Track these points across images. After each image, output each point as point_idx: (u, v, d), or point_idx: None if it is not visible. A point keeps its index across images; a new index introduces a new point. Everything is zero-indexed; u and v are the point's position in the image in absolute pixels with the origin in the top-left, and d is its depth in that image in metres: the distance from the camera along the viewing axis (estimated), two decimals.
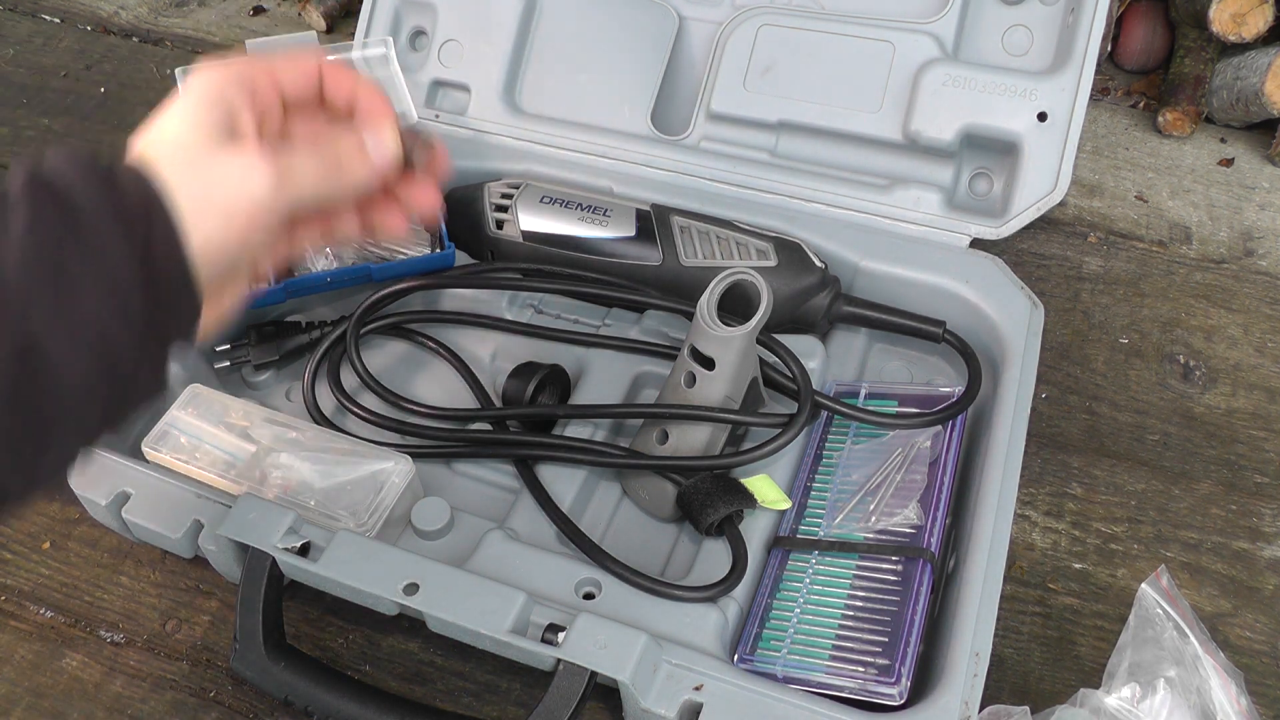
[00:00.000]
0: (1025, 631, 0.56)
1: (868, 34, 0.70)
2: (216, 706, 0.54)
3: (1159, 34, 0.88)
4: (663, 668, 0.47)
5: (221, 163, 0.38)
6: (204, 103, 0.40)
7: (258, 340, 0.64)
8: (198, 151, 0.39)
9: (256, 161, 0.39)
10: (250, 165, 0.39)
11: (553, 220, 0.66)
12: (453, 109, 0.78)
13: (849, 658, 0.49)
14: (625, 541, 0.57)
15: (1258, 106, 0.79)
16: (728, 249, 0.64)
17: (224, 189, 0.38)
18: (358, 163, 0.43)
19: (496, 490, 0.59)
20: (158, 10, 1.06)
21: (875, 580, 0.52)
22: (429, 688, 0.55)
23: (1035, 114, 0.66)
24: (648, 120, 0.74)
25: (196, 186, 0.37)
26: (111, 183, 0.36)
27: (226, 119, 0.40)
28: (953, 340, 0.61)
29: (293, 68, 0.45)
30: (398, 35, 0.79)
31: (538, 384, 0.60)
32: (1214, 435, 0.65)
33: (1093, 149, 0.84)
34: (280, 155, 0.40)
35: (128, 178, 0.37)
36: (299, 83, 0.45)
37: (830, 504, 0.56)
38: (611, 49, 0.75)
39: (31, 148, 0.90)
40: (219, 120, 0.40)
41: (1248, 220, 0.78)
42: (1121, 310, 0.72)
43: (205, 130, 0.39)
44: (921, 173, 0.70)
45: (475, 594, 0.49)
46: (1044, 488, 0.62)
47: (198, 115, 0.39)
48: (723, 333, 0.54)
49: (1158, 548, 0.60)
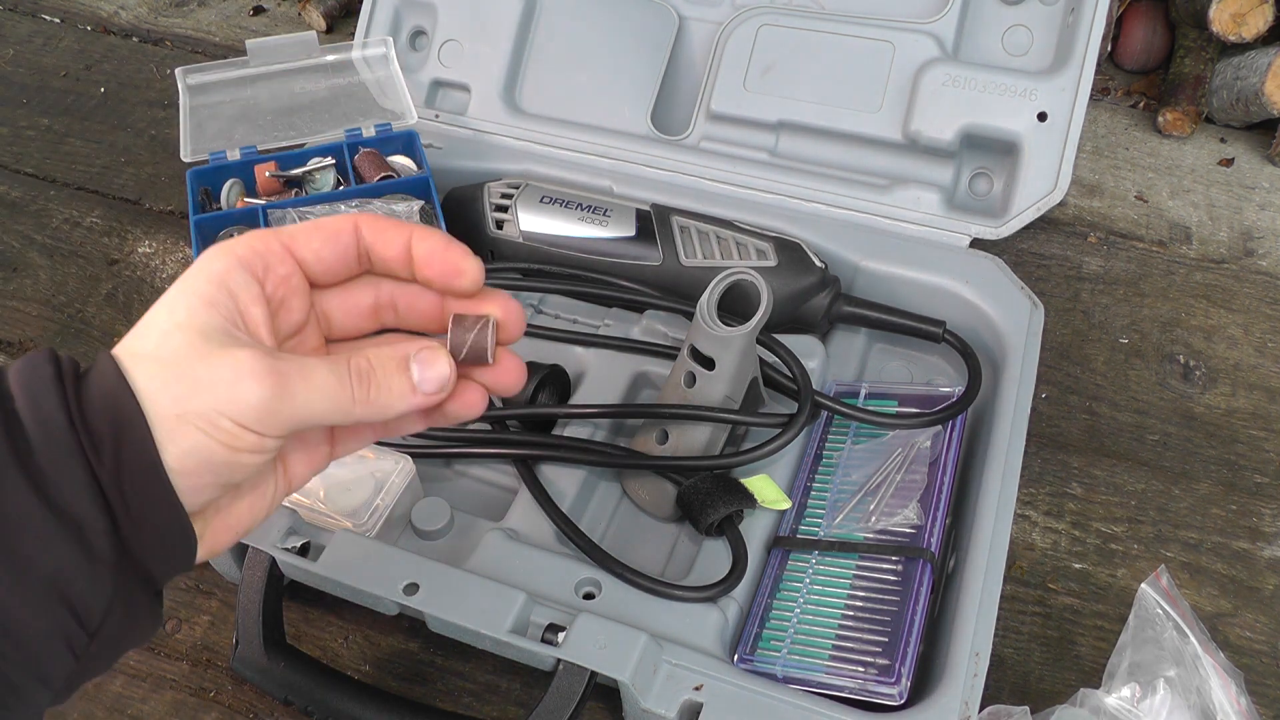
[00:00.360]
0: (1025, 631, 0.56)
1: (868, 34, 0.70)
2: (216, 706, 0.54)
3: (1159, 34, 0.88)
4: (663, 668, 0.47)
5: (208, 366, 0.32)
6: (201, 301, 0.34)
7: None
8: (183, 353, 0.33)
9: (252, 366, 0.32)
10: (242, 370, 0.32)
11: (553, 220, 0.66)
12: (453, 109, 0.78)
13: (849, 658, 0.49)
14: (625, 541, 0.57)
15: (1258, 106, 0.79)
16: (728, 249, 0.64)
17: (207, 396, 0.32)
18: (395, 394, 0.35)
19: (496, 490, 0.59)
20: (158, 10, 1.06)
21: (875, 580, 0.52)
22: (429, 688, 0.55)
23: (1035, 114, 0.66)
24: (648, 120, 0.74)
25: (174, 392, 0.32)
26: (72, 400, 0.31)
27: (227, 317, 0.34)
28: (953, 340, 0.61)
29: (319, 237, 0.37)
30: (398, 35, 0.79)
31: (538, 384, 0.60)
32: (1214, 435, 0.65)
33: (1093, 149, 0.84)
34: (288, 364, 0.33)
35: (95, 389, 0.32)
36: (329, 256, 0.37)
37: (830, 504, 0.56)
38: (611, 49, 0.75)
39: (32, 147, 0.91)
40: (217, 322, 0.33)
41: (1248, 220, 0.78)
42: (1121, 310, 0.72)
43: (196, 330, 0.33)
44: (921, 173, 0.70)
45: (475, 594, 0.49)
46: (1044, 488, 0.62)
47: (191, 315, 0.33)
48: (723, 333, 0.54)
49: (1158, 548, 0.60)
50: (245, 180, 0.68)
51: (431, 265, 0.37)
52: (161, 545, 0.33)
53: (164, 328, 0.33)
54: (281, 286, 0.36)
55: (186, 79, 0.72)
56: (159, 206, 0.85)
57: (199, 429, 0.32)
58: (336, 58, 0.75)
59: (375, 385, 0.35)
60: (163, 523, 0.32)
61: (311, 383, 0.33)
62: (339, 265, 0.37)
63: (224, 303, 0.34)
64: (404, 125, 0.71)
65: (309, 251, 0.36)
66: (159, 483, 0.32)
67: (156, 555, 0.33)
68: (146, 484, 0.31)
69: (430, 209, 0.66)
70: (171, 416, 0.32)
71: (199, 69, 0.72)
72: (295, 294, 0.36)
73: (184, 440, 0.32)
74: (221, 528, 0.36)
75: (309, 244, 0.36)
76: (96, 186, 0.87)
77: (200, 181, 0.67)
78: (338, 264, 0.37)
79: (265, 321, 0.35)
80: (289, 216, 0.64)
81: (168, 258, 0.80)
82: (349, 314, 0.39)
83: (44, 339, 0.75)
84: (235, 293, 0.34)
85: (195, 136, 0.69)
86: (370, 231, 0.37)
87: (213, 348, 0.33)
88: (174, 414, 0.32)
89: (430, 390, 0.36)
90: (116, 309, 0.77)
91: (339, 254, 0.37)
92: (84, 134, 0.92)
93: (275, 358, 0.33)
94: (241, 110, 0.72)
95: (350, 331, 0.39)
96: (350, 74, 0.75)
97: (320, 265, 0.37)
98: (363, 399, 0.35)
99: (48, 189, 0.87)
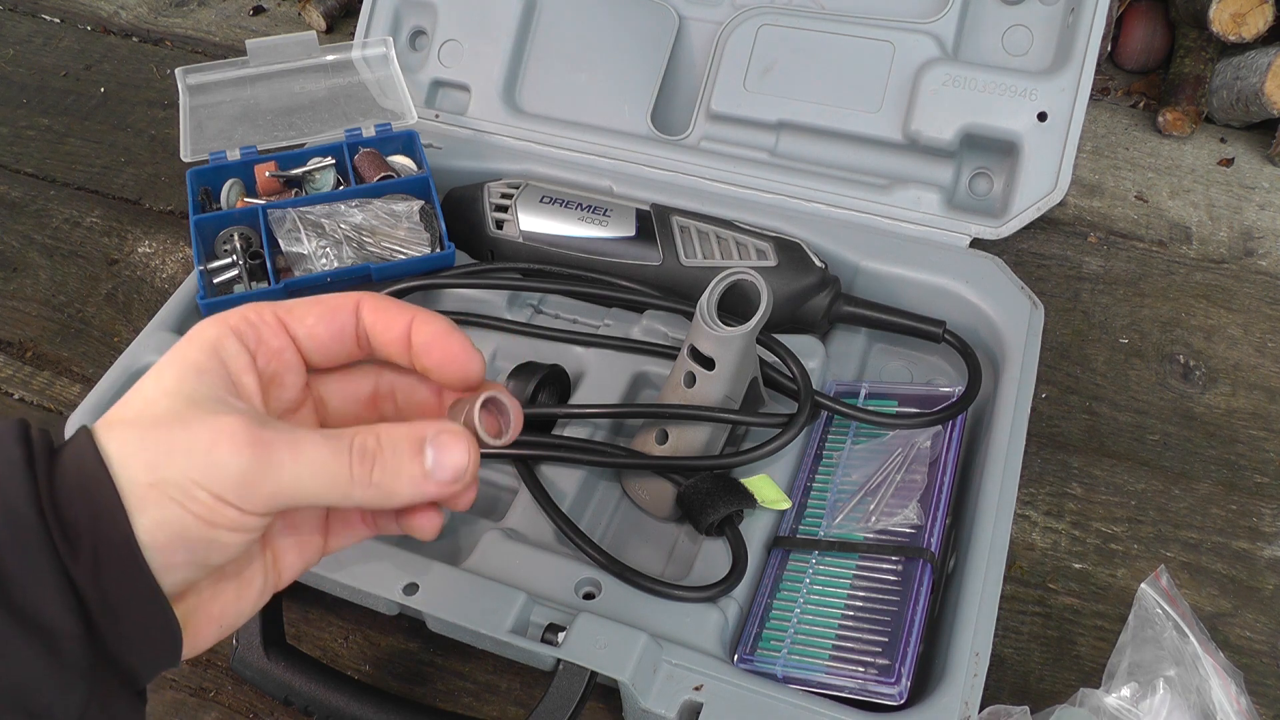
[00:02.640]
0: (1025, 631, 0.56)
1: (868, 34, 0.70)
2: (216, 706, 0.54)
3: (1159, 34, 0.88)
4: (663, 668, 0.47)
5: (188, 431, 0.30)
6: (191, 368, 0.31)
7: None
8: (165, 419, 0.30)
9: (233, 433, 0.30)
10: (221, 436, 0.30)
11: (553, 220, 0.66)
12: (453, 109, 0.78)
13: (849, 658, 0.49)
14: (625, 541, 0.57)
15: (1258, 106, 0.79)
16: (728, 249, 0.64)
17: (182, 463, 0.29)
18: (404, 479, 0.32)
19: (496, 490, 0.59)
20: (158, 10, 1.06)
21: (875, 580, 0.52)
22: (429, 688, 0.55)
23: (1035, 114, 0.66)
24: (648, 120, 0.74)
25: (147, 458, 0.29)
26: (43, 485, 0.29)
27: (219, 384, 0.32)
28: (953, 340, 0.61)
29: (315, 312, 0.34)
30: (398, 35, 0.79)
31: (538, 384, 0.60)
32: (1214, 435, 0.65)
33: (1093, 149, 0.84)
34: (276, 433, 0.30)
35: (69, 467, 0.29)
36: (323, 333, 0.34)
37: (830, 504, 0.56)
38: (611, 49, 0.75)
39: (32, 147, 0.91)
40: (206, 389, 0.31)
41: (1248, 220, 0.78)
42: (1121, 310, 0.72)
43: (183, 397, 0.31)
44: (921, 173, 0.70)
45: (475, 594, 0.49)
46: (1044, 488, 0.62)
47: (180, 381, 0.31)
48: (723, 333, 0.54)
49: (1158, 548, 0.60)
50: (245, 180, 0.68)
51: (431, 353, 0.35)
52: (142, 637, 0.30)
53: (150, 395, 0.31)
54: (274, 360, 0.34)
55: (186, 79, 0.72)
56: (159, 206, 0.85)
57: (173, 499, 0.29)
58: (336, 58, 0.75)
59: (382, 466, 0.32)
60: (142, 612, 0.30)
61: (301, 456, 0.30)
62: (334, 344, 0.35)
63: (215, 370, 0.32)
64: (404, 125, 0.71)
65: (303, 327, 0.34)
66: (135, 564, 0.29)
67: (137, 649, 0.30)
68: (123, 568, 0.29)
69: (430, 209, 0.66)
70: (144, 485, 0.29)
71: (199, 69, 0.72)
72: (289, 370, 0.34)
73: (156, 511, 0.29)
74: (205, 618, 0.33)
75: (304, 319, 0.34)
76: (96, 186, 0.87)
77: (200, 181, 0.67)
78: (333, 343, 0.35)
79: (257, 393, 0.33)
80: (289, 216, 0.64)
81: (168, 258, 0.81)
82: (347, 400, 0.37)
83: (44, 339, 0.75)
84: (227, 361, 0.32)
85: (195, 136, 0.69)
86: (371, 311, 0.35)
87: (198, 413, 0.30)
88: (146, 482, 0.29)
89: (444, 479, 0.32)
90: (116, 309, 0.77)
91: (334, 332, 0.34)
92: (84, 134, 0.92)
93: (263, 426, 0.30)
94: (241, 110, 0.72)
95: (348, 420, 0.37)
96: (350, 74, 0.75)
97: (314, 342, 0.34)
98: (363, 480, 0.31)
99: (48, 189, 0.87)
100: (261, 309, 0.34)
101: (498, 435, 0.34)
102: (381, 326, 0.35)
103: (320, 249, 0.63)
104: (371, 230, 0.65)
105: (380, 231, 0.65)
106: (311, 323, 0.34)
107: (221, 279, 0.64)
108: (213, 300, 0.61)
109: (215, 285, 0.64)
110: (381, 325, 0.35)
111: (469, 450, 0.33)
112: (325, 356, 0.35)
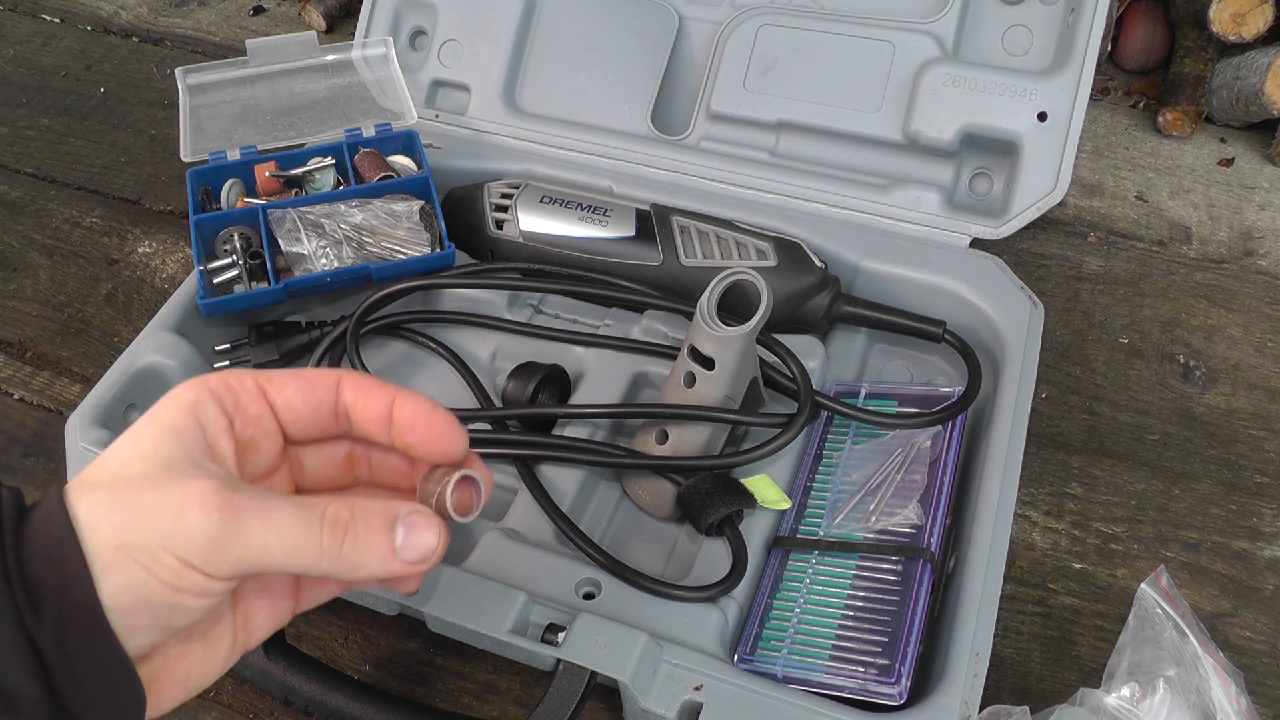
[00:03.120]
0: (1025, 631, 0.56)
1: (868, 34, 0.70)
2: (216, 706, 0.54)
3: (1159, 34, 0.88)
4: (663, 668, 0.47)
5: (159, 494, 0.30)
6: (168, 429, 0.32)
7: (257, 340, 0.64)
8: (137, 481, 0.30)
9: (203, 497, 0.30)
10: (191, 500, 0.30)
11: (553, 220, 0.66)
12: (453, 109, 0.78)
13: (849, 658, 0.49)
14: (625, 541, 0.57)
15: (1258, 106, 0.79)
16: (728, 249, 0.64)
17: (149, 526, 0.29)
18: (372, 553, 0.32)
19: (496, 490, 0.59)
20: (158, 10, 1.06)
21: (875, 580, 0.52)
22: (429, 688, 0.55)
23: (1035, 114, 0.66)
24: (648, 120, 0.74)
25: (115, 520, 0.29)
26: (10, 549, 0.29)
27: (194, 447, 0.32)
28: (953, 340, 0.61)
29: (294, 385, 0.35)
30: (398, 35, 0.79)
31: (538, 384, 0.60)
32: (1214, 435, 0.65)
33: (1093, 149, 0.84)
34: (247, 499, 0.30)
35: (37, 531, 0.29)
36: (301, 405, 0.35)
37: (830, 504, 0.56)
38: (611, 49, 0.75)
39: (32, 147, 0.91)
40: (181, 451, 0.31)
41: (1248, 220, 0.78)
42: (1121, 310, 0.72)
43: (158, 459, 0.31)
44: (921, 173, 0.70)
45: (475, 594, 0.49)
46: (1044, 488, 0.62)
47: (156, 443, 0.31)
48: (723, 333, 0.54)
49: (1158, 548, 0.60)
50: (245, 180, 0.68)
51: (415, 431, 0.35)
52: (105, 701, 0.30)
53: (124, 456, 0.31)
54: (251, 426, 0.34)
55: (186, 79, 0.72)
56: (159, 206, 0.85)
57: (138, 563, 0.29)
58: (336, 58, 0.75)
59: (353, 539, 0.32)
60: (106, 676, 0.30)
61: (271, 523, 0.31)
62: (310, 419, 0.35)
63: (192, 432, 0.32)
64: (404, 125, 0.71)
65: (281, 397, 0.34)
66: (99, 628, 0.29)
67: (99, 713, 0.30)
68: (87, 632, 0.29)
69: (430, 209, 0.66)
70: (110, 547, 0.29)
71: (199, 69, 0.72)
72: (265, 436, 0.35)
73: (120, 575, 0.29)
74: (170, 680, 0.33)
75: (283, 389, 0.34)
76: (96, 186, 0.87)
77: (200, 181, 0.67)
78: (309, 416, 0.35)
79: (232, 457, 0.33)
80: (289, 216, 0.64)
81: (168, 258, 0.81)
82: (323, 463, 0.37)
83: (44, 339, 0.75)
84: (204, 424, 0.32)
85: (195, 136, 0.69)
86: (352, 390, 0.35)
87: (171, 476, 0.30)
88: (113, 545, 0.29)
89: (411, 559, 0.33)
90: (116, 309, 0.77)
91: (312, 406, 0.35)
92: (84, 134, 0.92)
93: (234, 491, 0.30)
94: (241, 110, 0.72)
95: (324, 483, 0.38)
96: (350, 74, 0.75)
97: (291, 414, 0.35)
98: (333, 551, 0.31)
99: (48, 189, 0.87)
100: (242, 375, 0.34)
101: (467, 514, 0.35)
102: (362, 404, 0.35)
103: (320, 249, 0.63)
104: (371, 230, 0.65)
105: (380, 231, 0.65)
106: (290, 393, 0.35)
107: (221, 279, 0.64)
108: (213, 300, 0.61)
109: (215, 285, 0.64)
110: (362, 403, 0.35)
111: (439, 533, 0.33)
112: (301, 430, 0.36)
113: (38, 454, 0.68)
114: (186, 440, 0.32)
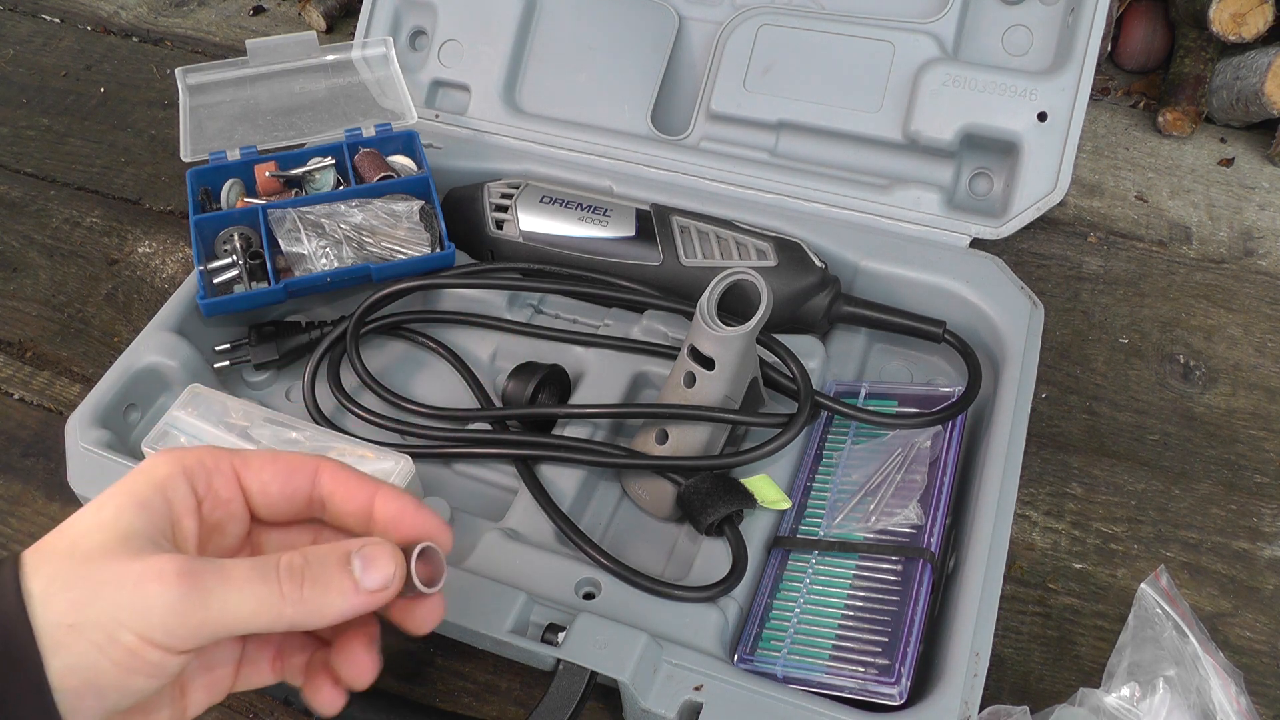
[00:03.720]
0: (1025, 631, 0.56)
1: (868, 34, 0.70)
2: (216, 706, 0.54)
3: (1159, 34, 0.88)
4: (663, 668, 0.47)
5: (117, 569, 0.29)
6: (133, 501, 0.31)
7: (257, 340, 0.64)
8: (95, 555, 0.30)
9: (161, 569, 0.29)
10: (149, 574, 0.29)
11: (553, 220, 0.66)
12: (453, 109, 0.78)
13: (849, 658, 0.49)
14: (625, 541, 0.57)
15: (1258, 106, 0.79)
16: (728, 249, 0.64)
17: (108, 603, 0.29)
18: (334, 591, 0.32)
19: (496, 490, 0.59)
20: (158, 10, 1.06)
21: (875, 580, 0.52)
22: (429, 688, 0.55)
23: (1035, 114, 0.66)
24: (648, 120, 0.74)
25: (71, 596, 0.29)
26: None
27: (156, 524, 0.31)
28: (953, 340, 0.61)
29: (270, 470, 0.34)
30: (398, 35, 0.79)
31: (538, 384, 0.60)
32: (1214, 435, 0.65)
33: (1093, 149, 0.84)
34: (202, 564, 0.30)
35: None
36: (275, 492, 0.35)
37: (830, 504, 0.56)
38: (611, 49, 0.75)
39: (32, 147, 0.91)
40: (142, 526, 0.31)
41: (1248, 220, 0.78)
42: (1121, 310, 0.72)
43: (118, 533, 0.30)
44: (921, 173, 0.70)
45: (475, 594, 0.49)
46: (1044, 488, 0.62)
47: (118, 515, 0.31)
48: (723, 333, 0.54)
49: (1158, 548, 0.60)
50: (245, 180, 0.68)
51: (400, 529, 0.35)
52: None
53: (85, 526, 0.31)
54: (220, 509, 0.34)
55: (186, 79, 0.72)
56: (159, 206, 0.85)
57: (91, 642, 0.29)
58: (336, 58, 0.75)
59: (311, 581, 0.32)
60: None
61: (231, 581, 0.30)
62: (283, 503, 0.35)
63: (158, 507, 0.32)
64: (404, 125, 0.71)
65: (256, 483, 0.34)
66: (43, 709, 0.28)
67: None
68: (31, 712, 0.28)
69: (430, 209, 0.66)
70: (63, 626, 0.29)
71: (199, 69, 0.72)
72: (233, 520, 0.34)
73: (71, 654, 0.28)
74: None
75: (259, 474, 0.34)
76: (96, 186, 0.87)
77: (200, 181, 0.67)
78: (283, 501, 0.35)
79: (194, 538, 0.33)
80: (289, 216, 0.64)
81: (168, 258, 0.81)
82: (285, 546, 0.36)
83: (44, 339, 0.75)
84: (172, 501, 0.32)
85: (195, 136, 0.69)
86: (331, 480, 0.35)
87: (129, 553, 0.30)
88: (66, 623, 0.29)
89: (373, 587, 0.33)
90: (116, 309, 0.77)
91: (287, 494, 0.35)
92: (84, 134, 0.92)
93: (190, 560, 0.30)
94: (241, 110, 0.72)
95: None
96: (350, 74, 0.75)
97: (264, 499, 0.34)
98: (294, 597, 0.31)
99: (48, 189, 0.87)
100: (219, 456, 0.34)
101: (431, 584, 0.35)
102: (341, 496, 0.35)
103: (320, 249, 0.63)
104: (371, 230, 0.65)
105: (380, 231, 0.65)
106: (266, 478, 0.34)
107: (221, 279, 0.64)
108: (213, 300, 0.61)
109: (215, 285, 0.64)
110: (341, 495, 0.35)
111: (394, 559, 0.33)
112: (273, 512, 0.35)
113: (38, 454, 0.68)
114: (151, 515, 0.31)
